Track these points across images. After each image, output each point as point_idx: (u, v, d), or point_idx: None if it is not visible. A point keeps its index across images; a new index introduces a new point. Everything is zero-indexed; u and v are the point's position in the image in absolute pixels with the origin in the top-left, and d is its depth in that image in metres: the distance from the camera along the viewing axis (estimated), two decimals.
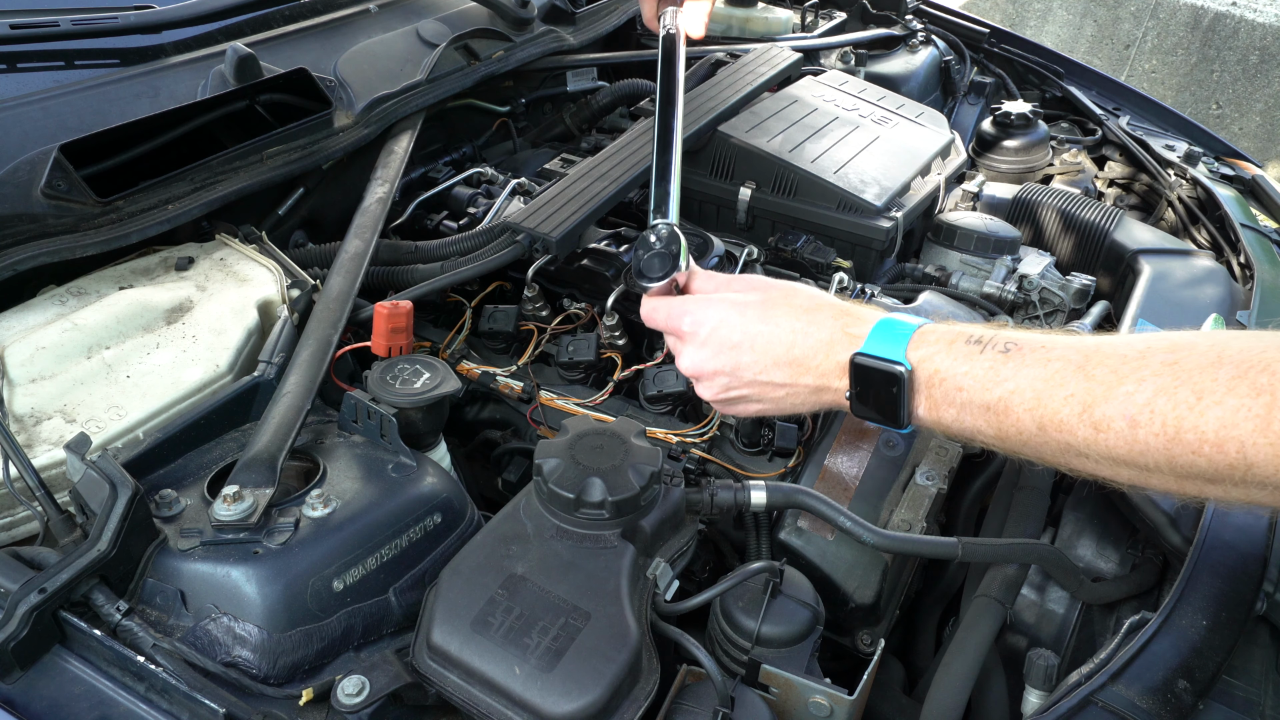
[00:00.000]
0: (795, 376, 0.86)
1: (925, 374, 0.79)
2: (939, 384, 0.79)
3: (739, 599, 0.93)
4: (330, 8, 1.63)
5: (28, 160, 1.11)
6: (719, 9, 2.19)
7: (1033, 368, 0.73)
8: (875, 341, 0.82)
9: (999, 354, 0.76)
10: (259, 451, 0.90)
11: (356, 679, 0.78)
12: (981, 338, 0.78)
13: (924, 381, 0.80)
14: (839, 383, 0.85)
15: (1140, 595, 1.03)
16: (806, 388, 0.87)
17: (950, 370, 0.78)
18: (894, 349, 0.80)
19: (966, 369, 0.77)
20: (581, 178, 1.38)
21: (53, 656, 0.78)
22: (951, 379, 0.78)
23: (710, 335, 0.88)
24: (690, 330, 0.91)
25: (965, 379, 0.77)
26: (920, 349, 0.80)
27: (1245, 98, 4.66)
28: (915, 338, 0.81)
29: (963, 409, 0.77)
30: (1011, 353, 0.75)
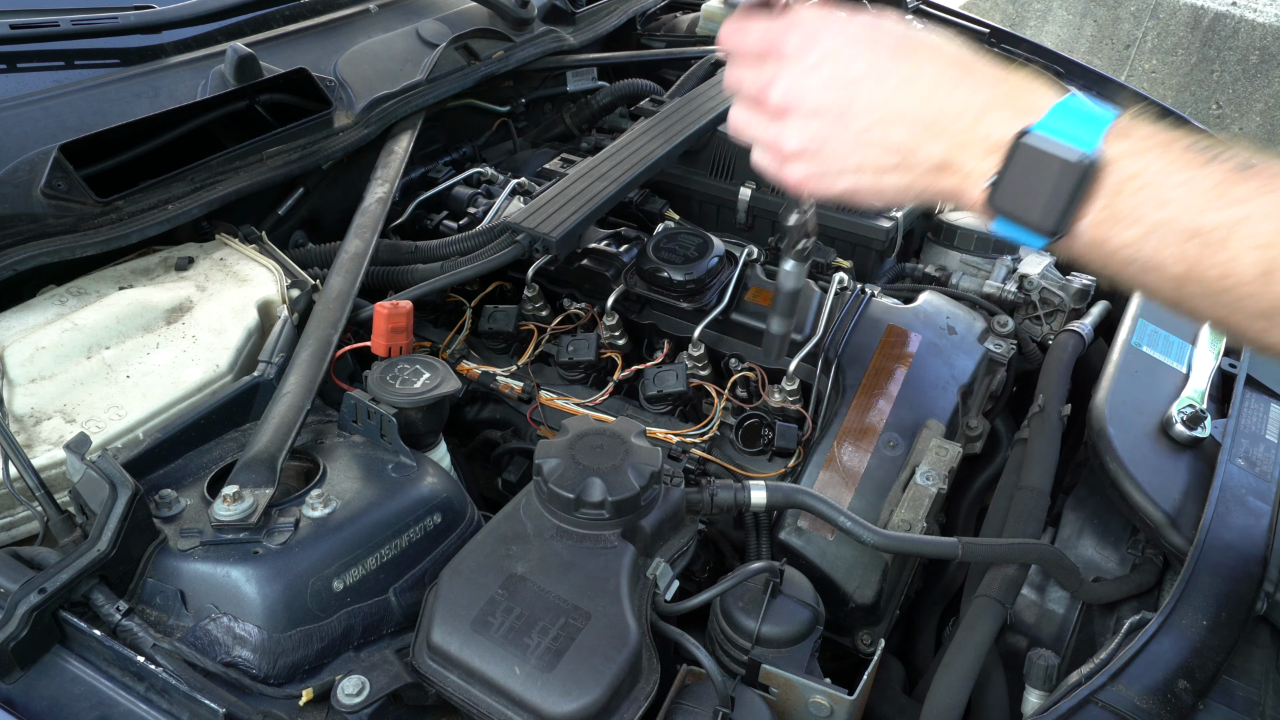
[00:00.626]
0: (920, 140, 0.64)
1: (1120, 174, 0.59)
2: (1135, 190, 0.59)
3: (739, 599, 0.92)
4: (330, 8, 1.62)
5: (28, 160, 1.11)
6: (719, 8, 2.19)
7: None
8: (1059, 119, 0.61)
9: (1232, 169, 0.57)
10: (259, 451, 0.90)
11: (356, 679, 0.78)
12: (1210, 147, 0.59)
13: (1113, 183, 0.60)
14: (978, 162, 0.63)
15: (1140, 595, 1.03)
16: (927, 162, 0.65)
17: (1159, 176, 0.58)
18: (1088, 132, 0.60)
19: (1184, 178, 0.58)
20: (581, 178, 1.38)
21: (53, 656, 0.77)
22: (1155, 187, 0.58)
23: (824, 59, 0.65)
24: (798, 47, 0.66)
25: (1177, 190, 0.58)
26: (1123, 141, 0.60)
27: (1245, 98, 4.66)
28: (1117, 125, 0.61)
29: (1153, 230, 0.58)
30: (1256, 170, 0.57)
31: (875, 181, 0.67)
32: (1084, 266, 0.63)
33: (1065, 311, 1.48)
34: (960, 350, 1.27)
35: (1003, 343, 1.32)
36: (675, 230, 1.36)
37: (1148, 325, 1.30)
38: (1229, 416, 1.12)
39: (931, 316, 1.30)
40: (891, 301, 1.33)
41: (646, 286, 1.31)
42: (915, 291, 1.37)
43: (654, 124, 1.53)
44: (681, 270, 1.28)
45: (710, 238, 1.34)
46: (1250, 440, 1.09)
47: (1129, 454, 1.06)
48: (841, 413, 1.17)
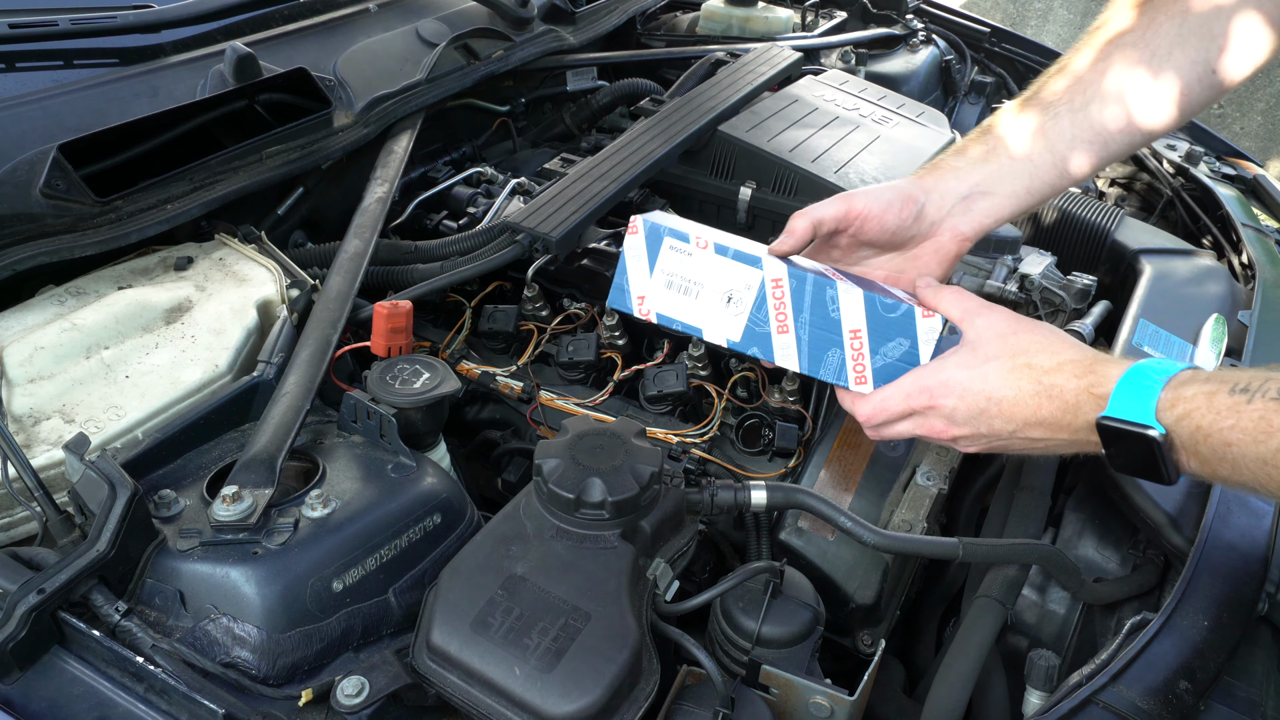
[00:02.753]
0: (1052, 433, 0.82)
1: (1186, 431, 0.72)
2: (1204, 440, 0.71)
3: (739, 599, 0.92)
4: (330, 7, 1.62)
5: (27, 160, 1.11)
6: (719, 8, 2.19)
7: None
8: (1121, 402, 0.75)
9: (1271, 402, 0.68)
10: (258, 452, 0.90)
11: (356, 679, 0.78)
12: (1249, 384, 0.70)
13: (1186, 439, 0.73)
14: (1092, 440, 0.79)
15: (1141, 596, 1.03)
16: (1065, 442, 0.83)
17: (1214, 426, 0.70)
18: (1142, 409, 0.74)
19: (1232, 422, 0.69)
20: (581, 177, 1.38)
21: (52, 657, 0.77)
22: (1217, 435, 0.70)
23: (956, 406, 0.84)
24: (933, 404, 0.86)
25: (1233, 433, 0.69)
26: (1177, 406, 0.73)
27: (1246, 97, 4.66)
28: (1168, 393, 0.74)
29: (1236, 464, 0.70)
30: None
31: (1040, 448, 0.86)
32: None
33: (1066, 311, 1.48)
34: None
35: None
36: None
37: (1149, 325, 1.30)
38: None
39: None
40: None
41: None
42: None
43: (654, 124, 1.53)
44: None
45: None
46: None
47: None
48: (842, 412, 1.17)
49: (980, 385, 0.83)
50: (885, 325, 0.90)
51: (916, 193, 0.99)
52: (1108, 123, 0.99)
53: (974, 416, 0.84)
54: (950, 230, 1.00)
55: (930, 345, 0.90)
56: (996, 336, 0.85)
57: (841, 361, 0.91)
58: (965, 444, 0.88)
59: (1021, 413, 0.82)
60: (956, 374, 0.84)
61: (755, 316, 0.92)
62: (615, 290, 0.96)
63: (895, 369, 0.90)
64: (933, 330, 0.89)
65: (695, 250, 0.92)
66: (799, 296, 0.91)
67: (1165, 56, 0.97)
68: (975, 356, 0.85)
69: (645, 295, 0.95)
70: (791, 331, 0.92)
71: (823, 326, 0.91)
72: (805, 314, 0.91)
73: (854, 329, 0.90)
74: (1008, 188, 1.00)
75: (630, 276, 0.95)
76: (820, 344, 0.91)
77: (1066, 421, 0.80)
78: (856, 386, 0.92)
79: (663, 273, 0.93)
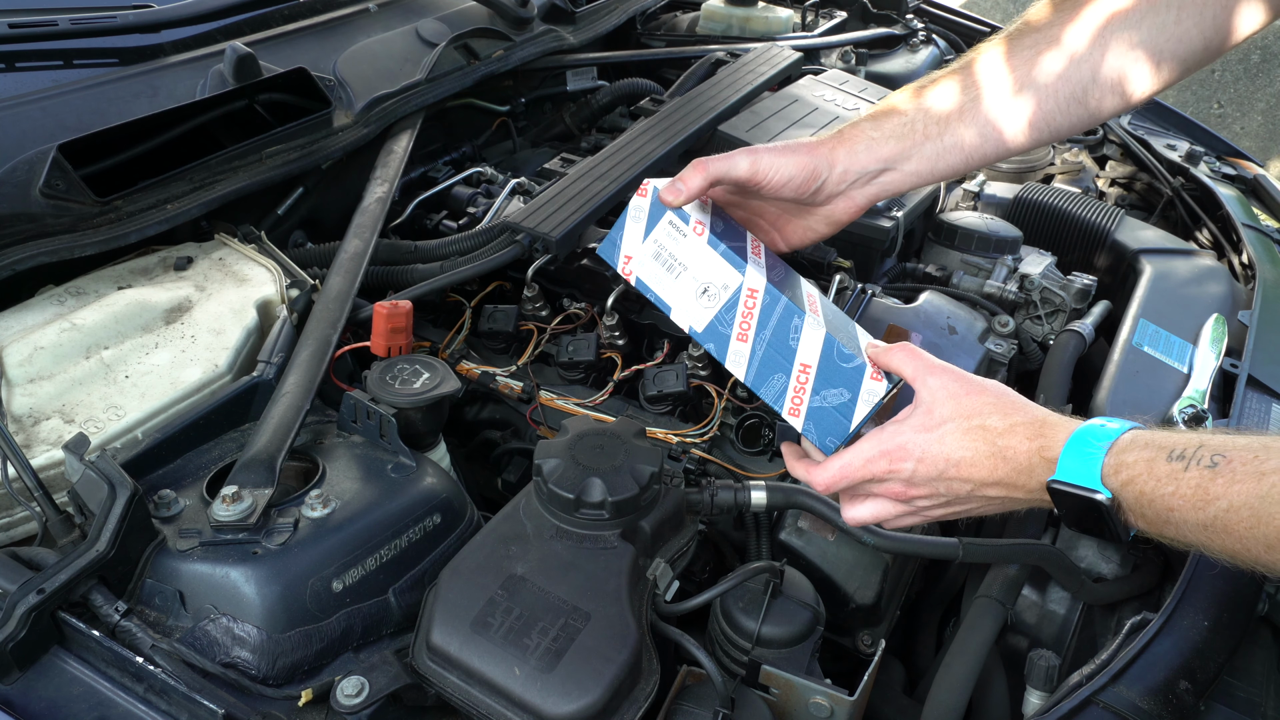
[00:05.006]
0: (1009, 492, 0.83)
1: (1130, 496, 0.74)
2: (1148, 505, 0.74)
3: (739, 599, 0.92)
4: (330, 7, 1.62)
5: (26, 160, 1.11)
6: (719, 8, 2.19)
7: (1245, 483, 0.69)
8: (1069, 466, 0.77)
9: (1205, 470, 0.71)
10: (258, 452, 0.90)
11: (356, 679, 0.78)
12: (1185, 450, 0.73)
13: (1132, 503, 0.75)
14: (1046, 499, 0.81)
15: (1141, 596, 1.03)
16: (1022, 500, 0.84)
17: (1155, 492, 0.73)
18: (1088, 474, 0.76)
19: (1172, 489, 0.72)
20: (581, 177, 1.37)
21: (51, 657, 0.77)
22: (1160, 500, 0.73)
23: (915, 468, 0.85)
24: (892, 469, 0.86)
25: (1174, 499, 0.72)
26: (1121, 473, 0.75)
27: (1247, 97, 4.66)
28: (1111, 459, 0.75)
29: (1180, 528, 0.73)
30: (1220, 468, 0.70)
31: (999, 509, 0.87)
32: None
33: (1066, 311, 1.48)
34: (961, 350, 1.27)
35: (1003, 343, 1.32)
36: None
37: (1149, 325, 1.30)
38: (1230, 417, 1.12)
39: (932, 316, 1.30)
40: (892, 301, 1.32)
41: None
42: (916, 291, 1.36)
43: (654, 124, 1.53)
44: None
45: None
46: None
47: None
48: None
49: (939, 448, 0.83)
50: (834, 372, 0.90)
51: (821, 166, 0.99)
52: (1028, 104, 1.00)
53: (933, 478, 0.84)
54: (846, 201, 1.02)
55: (867, 407, 0.90)
56: (949, 397, 0.85)
57: (784, 389, 0.92)
58: (924, 504, 0.87)
59: (978, 473, 0.82)
60: (914, 437, 0.84)
61: (722, 316, 0.94)
62: (607, 242, 0.98)
63: (828, 415, 0.91)
64: (873, 394, 0.90)
65: (690, 234, 0.94)
66: (767, 314, 0.92)
67: (1081, 36, 0.98)
68: (930, 418, 0.85)
69: (632, 256, 0.96)
70: (749, 343, 0.93)
71: (778, 350, 0.92)
72: (767, 332, 0.92)
73: (805, 363, 0.91)
74: (914, 165, 1.01)
75: (625, 234, 0.96)
76: (770, 365, 0.92)
77: (1021, 482, 0.81)
78: (788, 417, 0.93)
79: (654, 243, 0.95)
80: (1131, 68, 0.97)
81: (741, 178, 0.96)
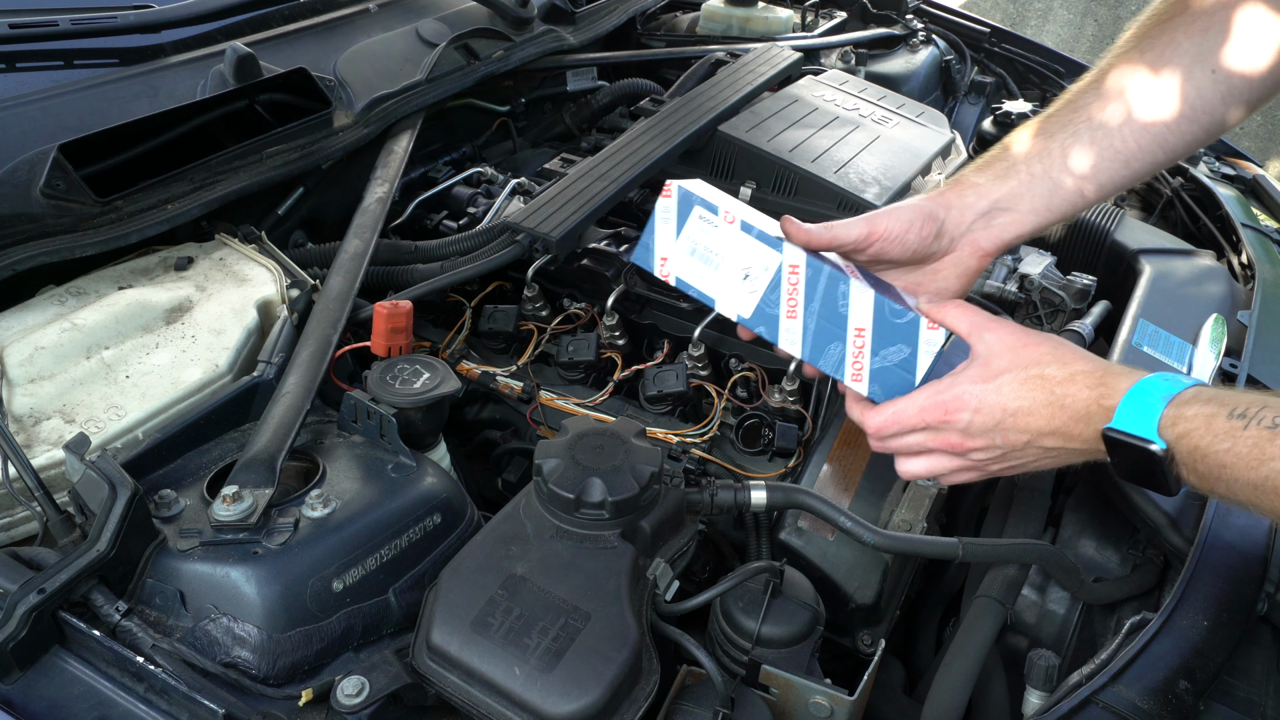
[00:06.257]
0: (1065, 442, 0.84)
1: (1185, 449, 0.75)
2: (1201, 460, 0.74)
3: (739, 599, 0.92)
4: (330, 7, 1.62)
5: (27, 160, 1.11)
6: (719, 8, 2.19)
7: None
8: (1127, 415, 0.77)
9: (1265, 430, 0.71)
10: (258, 452, 0.90)
11: (356, 679, 0.78)
12: (1246, 410, 0.73)
13: (1185, 457, 0.75)
14: (1102, 450, 0.81)
15: (1141, 596, 1.03)
16: (1075, 452, 0.84)
17: (1211, 448, 0.73)
18: (1146, 424, 0.76)
19: (1228, 446, 0.72)
20: (581, 177, 1.38)
21: (52, 657, 0.77)
22: (1214, 456, 0.73)
23: (972, 419, 0.85)
24: (948, 418, 0.87)
25: (1228, 456, 0.72)
26: (1178, 425, 0.75)
27: None
28: (1170, 410, 0.76)
29: (1231, 485, 0.73)
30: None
31: (1052, 462, 0.88)
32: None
33: (1066, 311, 1.48)
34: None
35: None
36: None
37: (1148, 325, 1.30)
38: None
39: None
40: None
41: (646, 286, 1.31)
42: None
43: (654, 124, 1.53)
44: None
45: None
46: None
47: None
48: (842, 413, 1.17)
49: (995, 398, 0.84)
50: (890, 330, 0.91)
51: (937, 210, 1.00)
52: (1126, 141, 0.98)
53: (990, 429, 0.85)
54: (970, 245, 1.01)
55: (929, 358, 0.91)
56: (1007, 349, 0.86)
57: (841, 356, 0.93)
58: (980, 458, 0.88)
59: (1035, 423, 0.83)
60: (971, 388, 0.85)
61: (768, 297, 0.94)
62: (640, 248, 0.99)
63: (892, 374, 0.91)
64: (933, 344, 0.90)
65: (721, 224, 0.95)
66: (813, 286, 0.93)
67: (1175, 71, 0.97)
68: (988, 370, 0.86)
69: (668, 258, 0.97)
70: (800, 318, 0.94)
71: (830, 319, 0.93)
72: (816, 304, 0.93)
73: (859, 327, 0.92)
74: (1027, 204, 1.00)
75: (657, 237, 0.97)
76: (825, 335, 0.93)
77: (1078, 431, 0.82)
78: (852, 384, 0.93)
79: (688, 239, 0.96)
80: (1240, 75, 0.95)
81: (859, 236, 0.97)
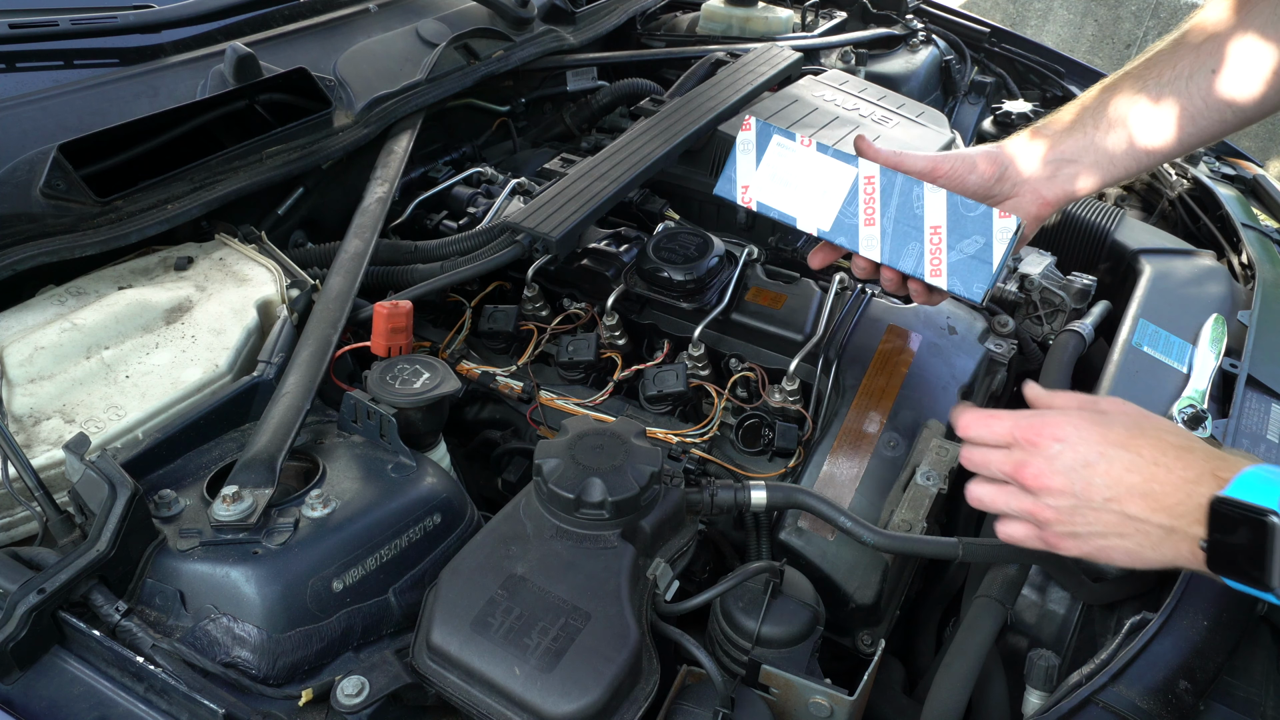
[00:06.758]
0: (1149, 512, 0.75)
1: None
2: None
3: (739, 599, 0.92)
4: (330, 7, 1.62)
5: (27, 160, 1.11)
6: (719, 8, 2.19)
7: None
8: (1244, 485, 0.71)
9: None
10: (258, 452, 0.90)
11: (356, 679, 0.78)
12: None
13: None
14: (1194, 528, 0.74)
15: (1141, 595, 1.02)
16: (1158, 528, 0.76)
17: None
18: (1266, 494, 0.69)
19: None
20: (581, 177, 1.38)
21: (52, 657, 0.77)
22: None
23: (1064, 448, 0.79)
24: (1041, 438, 0.80)
25: None
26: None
27: None
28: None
29: None
30: None
31: (1121, 544, 0.78)
32: None
33: (1066, 311, 1.48)
34: (961, 350, 1.27)
35: (1003, 342, 1.32)
36: (675, 230, 1.36)
37: (1148, 325, 1.30)
38: (1230, 417, 1.12)
39: (932, 316, 1.30)
40: (892, 301, 1.32)
41: (646, 286, 1.31)
42: None
43: (654, 124, 1.53)
44: (681, 270, 1.28)
45: (710, 237, 1.34)
46: (1251, 440, 1.09)
47: None
48: (841, 413, 1.17)
49: (1099, 435, 0.77)
50: (964, 223, 0.97)
51: (1003, 155, 1.03)
52: (1193, 99, 1.00)
53: (1076, 467, 0.78)
54: (1032, 193, 1.03)
55: (1004, 244, 0.96)
56: (1123, 414, 0.81)
57: (920, 254, 1.00)
58: (1051, 503, 0.80)
59: (1130, 478, 0.76)
60: (1075, 417, 0.79)
61: (846, 209, 1.03)
62: (723, 180, 1.08)
63: (968, 265, 0.97)
64: (1007, 230, 0.95)
65: (799, 148, 1.04)
66: (888, 193, 1.00)
67: (1259, 33, 0.97)
68: (1101, 414, 0.80)
69: (750, 185, 1.07)
70: (877, 224, 1.01)
71: (907, 221, 1.00)
72: (892, 209, 1.00)
73: (935, 225, 0.99)
74: (1092, 158, 1.02)
75: (739, 168, 1.07)
76: (902, 236, 1.00)
77: (1174, 500, 0.74)
78: (932, 279, 0.99)
79: (768, 166, 1.06)
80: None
81: (924, 167, 1.00)
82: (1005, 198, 1.03)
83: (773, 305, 1.28)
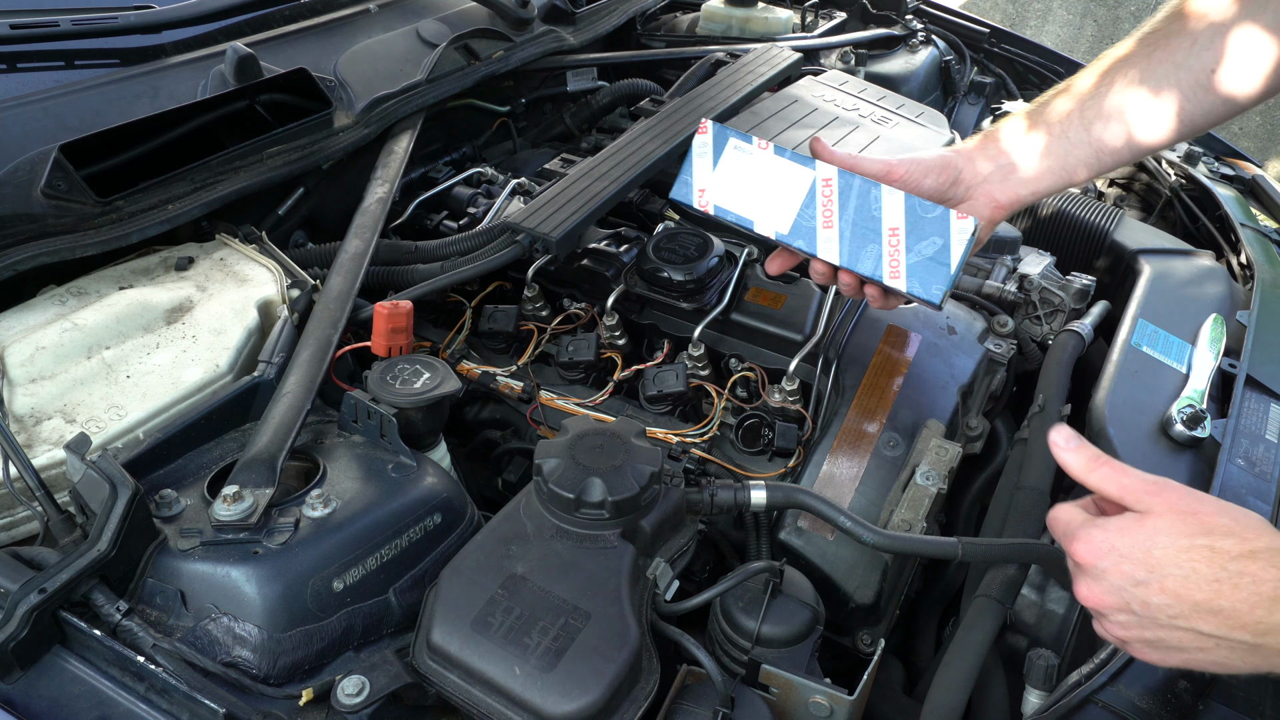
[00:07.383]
0: (1225, 630, 0.69)
1: None
2: None
3: (739, 599, 0.92)
4: (330, 8, 1.62)
5: (28, 160, 1.11)
6: (719, 8, 2.19)
7: None
8: None
9: None
10: (259, 451, 0.90)
11: (356, 679, 0.78)
12: None
13: None
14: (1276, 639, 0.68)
15: None
16: (1240, 644, 0.69)
17: None
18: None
19: None
20: (581, 178, 1.38)
21: (52, 656, 0.77)
22: None
23: (1108, 569, 0.72)
24: (1084, 558, 0.74)
25: None
26: None
27: None
28: None
29: None
30: None
31: (1205, 657, 0.72)
32: None
33: (1065, 311, 1.48)
34: (960, 350, 1.27)
35: (1003, 342, 1.32)
36: (675, 230, 1.37)
37: (1148, 325, 1.30)
38: (1229, 416, 1.12)
39: (931, 316, 1.30)
40: None
41: (646, 286, 1.31)
42: None
43: (654, 124, 1.53)
44: (681, 270, 1.28)
45: (710, 237, 1.34)
46: (1250, 440, 1.09)
47: (1129, 454, 1.06)
48: (841, 413, 1.17)
49: (1141, 554, 0.70)
50: (921, 224, 0.96)
51: (956, 159, 1.02)
52: (1149, 102, 0.99)
53: (1124, 587, 0.71)
54: (985, 196, 1.03)
55: (962, 245, 0.95)
56: (1172, 512, 0.73)
57: (879, 256, 0.99)
58: (1115, 618, 0.74)
59: (1194, 595, 0.69)
60: (1110, 538, 0.72)
61: (804, 212, 1.02)
62: (679, 184, 1.06)
63: (925, 266, 0.96)
64: (965, 231, 0.94)
65: (756, 151, 1.03)
66: (845, 195, 1.00)
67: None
68: (1141, 525, 0.72)
69: (706, 188, 1.05)
70: (835, 227, 1.00)
71: (865, 223, 0.99)
72: (850, 211, 0.99)
73: (893, 227, 0.98)
74: (1046, 163, 1.01)
75: (695, 172, 1.05)
76: (860, 239, 0.99)
77: (1255, 618, 0.67)
78: (890, 281, 0.98)
79: (724, 169, 1.04)
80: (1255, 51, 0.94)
81: (879, 170, 1.00)
82: (961, 200, 1.03)
83: (772, 305, 1.28)
